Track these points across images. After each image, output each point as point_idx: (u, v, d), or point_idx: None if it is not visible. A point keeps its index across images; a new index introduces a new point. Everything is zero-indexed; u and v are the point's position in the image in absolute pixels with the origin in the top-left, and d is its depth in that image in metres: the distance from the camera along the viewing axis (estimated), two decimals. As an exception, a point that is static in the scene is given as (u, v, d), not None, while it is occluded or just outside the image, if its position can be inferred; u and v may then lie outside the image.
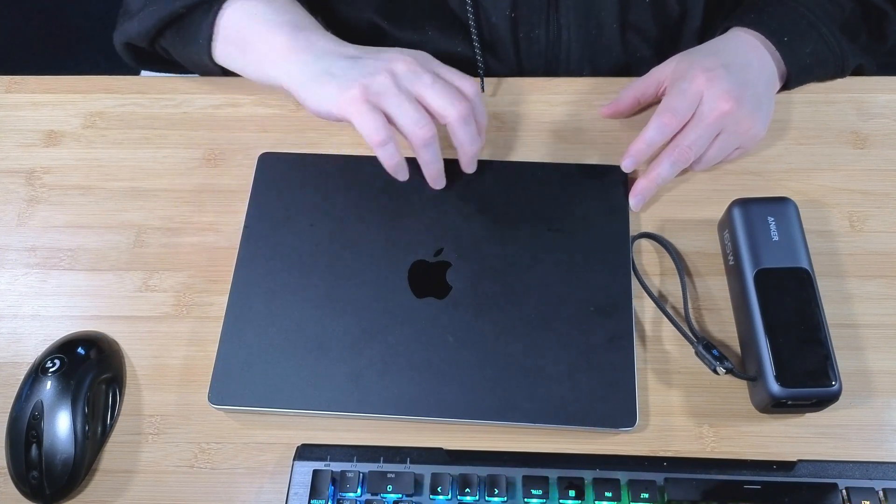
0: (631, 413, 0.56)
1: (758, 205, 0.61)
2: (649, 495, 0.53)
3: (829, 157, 0.68)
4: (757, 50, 0.66)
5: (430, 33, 0.74)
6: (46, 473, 0.55)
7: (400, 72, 0.59)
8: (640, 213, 0.66)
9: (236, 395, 0.57)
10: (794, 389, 0.54)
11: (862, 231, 0.64)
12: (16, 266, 0.65)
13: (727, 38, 0.67)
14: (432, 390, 0.57)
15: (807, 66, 0.67)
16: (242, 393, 0.57)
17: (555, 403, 0.56)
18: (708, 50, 0.66)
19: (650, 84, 0.66)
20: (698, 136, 0.62)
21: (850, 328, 0.60)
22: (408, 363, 0.58)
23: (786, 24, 0.66)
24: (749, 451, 0.56)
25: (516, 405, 0.56)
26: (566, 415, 0.56)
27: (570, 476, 0.54)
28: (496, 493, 0.53)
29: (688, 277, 0.63)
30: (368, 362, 0.58)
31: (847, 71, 0.69)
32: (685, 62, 0.64)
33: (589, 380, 0.57)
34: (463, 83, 0.62)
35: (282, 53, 0.62)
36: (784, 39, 0.66)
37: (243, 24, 0.64)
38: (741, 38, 0.66)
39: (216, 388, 0.57)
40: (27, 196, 0.69)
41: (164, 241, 0.66)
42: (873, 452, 0.56)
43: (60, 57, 1.61)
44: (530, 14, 0.72)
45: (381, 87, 0.58)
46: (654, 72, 0.66)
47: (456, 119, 0.59)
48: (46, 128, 0.72)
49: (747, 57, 0.65)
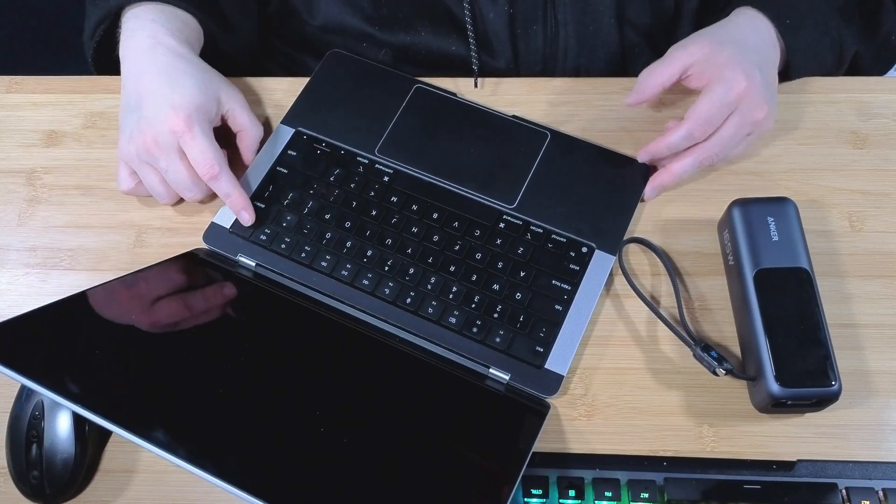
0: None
1: (757, 205, 0.61)
2: (649, 495, 0.53)
3: (829, 157, 0.68)
4: (764, 35, 0.65)
5: (423, 33, 0.74)
6: (47, 473, 0.55)
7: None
8: (641, 213, 0.66)
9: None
10: (794, 389, 0.54)
11: (862, 231, 0.64)
12: (16, 266, 0.65)
13: (738, 23, 0.66)
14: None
15: (805, 50, 0.67)
16: None
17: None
18: (735, 40, 0.64)
19: (675, 71, 0.64)
20: (729, 142, 0.63)
21: (849, 328, 0.60)
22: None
23: (788, 7, 0.66)
24: (749, 450, 0.56)
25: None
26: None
27: (571, 476, 0.54)
28: (496, 493, 0.53)
29: (682, 279, 0.63)
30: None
31: (846, 58, 0.69)
32: (719, 55, 0.62)
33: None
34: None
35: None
36: (787, 22, 0.65)
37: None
38: (750, 24, 0.65)
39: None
40: (28, 196, 0.69)
41: (164, 241, 0.66)
42: (873, 452, 0.56)
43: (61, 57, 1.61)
44: (527, 9, 0.72)
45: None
46: (679, 56, 0.63)
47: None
48: (47, 128, 0.72)
49: (763, 48, 0.64)
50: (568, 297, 0.61)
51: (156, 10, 0.66)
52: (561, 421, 0.58)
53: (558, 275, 0.62)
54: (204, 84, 0.63)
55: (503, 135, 0.69)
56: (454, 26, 0.73)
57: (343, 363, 0.59)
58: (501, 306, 0.61)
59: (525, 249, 0.63)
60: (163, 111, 0.61)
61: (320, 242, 0.64)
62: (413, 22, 0.74)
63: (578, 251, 0.63)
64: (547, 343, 0.60)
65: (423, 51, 0.75)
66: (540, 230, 0.64)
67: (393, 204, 0.65)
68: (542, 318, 0.61)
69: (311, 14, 0.76)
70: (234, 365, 0.55)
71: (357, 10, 0.74)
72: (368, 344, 0.60)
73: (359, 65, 0.73)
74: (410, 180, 0.67)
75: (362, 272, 0.63)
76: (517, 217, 0.65)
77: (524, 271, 0.62)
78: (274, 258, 0.64)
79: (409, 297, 0.62)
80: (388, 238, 0.64)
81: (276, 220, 0.65)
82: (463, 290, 0.62)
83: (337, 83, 0.72)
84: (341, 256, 0.63)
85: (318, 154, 0.68)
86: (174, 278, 0.62)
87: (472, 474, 0.52)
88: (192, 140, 0.61)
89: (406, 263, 0.63)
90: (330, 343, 0.61)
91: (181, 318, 0.58)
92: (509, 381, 0.59)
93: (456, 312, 0.61)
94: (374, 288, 0.62)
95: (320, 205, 0.66)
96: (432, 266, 0.63)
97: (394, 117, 0.69)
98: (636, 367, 0.60)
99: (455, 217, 0.65)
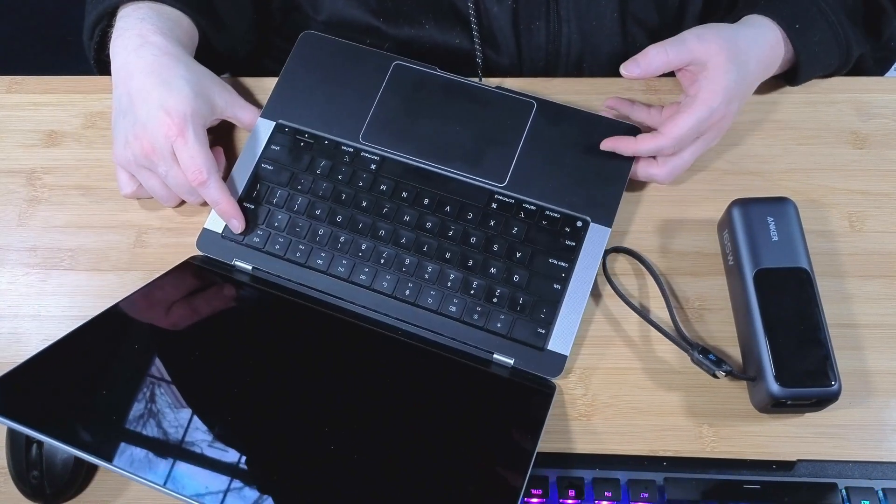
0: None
1: (757, 205, 0.61)
2: (649, 495, 0.53)
3: (829, 157, 0.68)
4: (772, 47, 0.65)
5: (428, 27, 0.74)
6: (46, 473, 0.55)
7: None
8: (640, 213, 0.66)
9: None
10: (794, 389, 0.54)
11: (862, 231, 0.64)
12: (16, 266, 0.66)
13: (750, 32, 0.65)
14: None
15: (815, 55, 0.67)
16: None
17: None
18: (743, 60, 0.63)
19: (685, 59, 0.62)
20: (686, 164, 0.64)
21: (849, 328, 0.60)
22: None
23: (797, 11, 0.66)
24: (749, 450, 0.56)
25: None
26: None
27: (571, 476, 0.54)
28: (496, 493, 0.53)
29: (671, 286, 0.63)
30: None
31: (851, 61, 0.69)
32: (723, 75, 0.61)
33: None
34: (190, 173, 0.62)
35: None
36: (796, 26, 0.65)
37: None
38: (762, 33, 0.65)
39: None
40: (28, 196, 0.69)
41: (164, 241, 0.66)
42: (873, 452, 0.56)
43: (61, 57, 1.61)
44: (531, 5, 0.72)
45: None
46: (693, 48, 0.62)
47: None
48: (47, 128, 0.72)
49: (762, 62, 0.65)
50: (565, 274, 0.61)
51: (146, 9, 0.65)
52: (561, 421, 0.58)
53: (554, 252, 0.62)
54: (197, 85, 0.63)
55: (489, 107, 0.68)
56: (458, 20, 0.73)
57: (352, 360, 0.59)
58: (500, 290, 0.61)
59: (519, 229, 0.63)
60: (156, 115, 0.61)
61: (314, 240, 0.64)
62: (418, 15, 0.74)
63: (573, 226, 0.63)
64: (548, 324, 0.60)
65: (428, 44, 0.75)
66: (533, 207, 0.64)
67: (382, 193, 0.65)
68: (542, 298, 0.61)
69: (315, 9, 0.76)
70: (246, 375, 0.55)
71: (362, 3, 0.74)
72: (374, 339, 0.61)
73: (334, 45, 0.71)
74: (398, 166, 0.66)
75: (358, 267, 0.63)
76: (509, 196, 0.65)
77: (520, 252, 0.62)
78: (269, 260, 0.64)
79: (407, 288, 0.62)
80: (381, 229, 0.64)
81: (268, 221, 0.65)
82: (461, 276, 0.62)
83: (313, 67, 0.70)
84: (336, 252, 0.63)
85: (301, 146, 0.67)
86: (172, 294, 0.61)
87: (488, 458, 0.53)
88: (184, 145, 0.61)
89: (401, 254, 0.63)
90: (336, 341, 0.61)
91: (186, 335, 0.58)
92: (514, 365, 0.59)
93: (455, 300, 0.61)
94: (371, 282, 0.62)
95: (310, 200, 0.65)
96: (428, 255, 0.63)
97: (375, 99, 0.68)
98: (636, 367, 0.60)
99: (446, 201, 0.64)
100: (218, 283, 0.63)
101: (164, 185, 0.64)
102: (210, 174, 0.61)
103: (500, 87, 0.69)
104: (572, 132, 0.67)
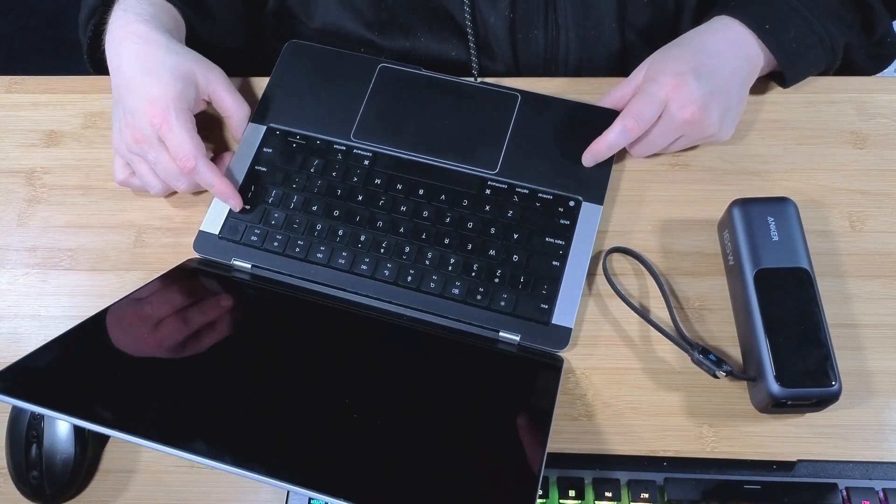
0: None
1: (758, 205, 0.60)
2: (649, 495, 0.53)
3: (829, 157, 0.68)
4: (735, 42, 0.65)
5: (423, 39, 0.74)
6: (46, 473, 0.55)
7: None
8: (640, 213, 0.66)
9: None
10: (794, 389, 0.54)
11: (862, 231, 0.64)
12: (16, 266, 0.65)
13: (707, 29, 0.67)
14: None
15: (794, 53, 0.66)
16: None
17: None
18: (682, 48, 0.65)
19: (628, 91, 0.67)
20: (660, 140, 0.65)
21: (850, 328, 0.60)
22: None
23: (766, 11, 0.66)
24: (749, 451, 0.56)
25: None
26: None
27: (571, 476, 0.54)
28: (496, 493, 0.53)
29: (671, 285, 0.63)
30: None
31: (839, 54, 0.68)
32: (658, 65, 0.65)
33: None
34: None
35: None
36: (766, 27, 0.65)
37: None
38: (720, 30, 0.66)
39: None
40: (27, 196, 0.69)
41: (164, 240, 0.66)
42: (873, 452, 0.56)
43: (61, 57, 1.61)
44: (529, 14, 0.72)
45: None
46: (632, 76, 0.67)
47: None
48: (47, 128, 0.72)
49: (723, 55, 0.65)
50: (563, 251, 0.62)
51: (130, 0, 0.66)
52: (561, 421, 0.58)
53: (550, 231, 0.63)
54: (179, 70, 0.63)
55: (475, 102, 0.69)
56: (454, 31, 0.73)
57: (361, 349, 0.60)
58: (501, 270, 0.62)
59: (514, 212, 0.64)
60: (141, 104, 0.61)
61: (312, 234, 0.64)
62: (413, 27, 0.74)
63: (566, 206, 0.64)
64: (550, 299, 0.61)
65: (423, 56, 0.74)
66: (526, 191, 0.65)
67: (377, 186, 0.66)
68: (542, 275, 0.62)
69: (308, 16, 0.76)
70: (254, 369, 0.55)
71: (356, 15, 0.74)
72: (379, 327, 0.61)
73: (319, 52, 0.72)
74: (391, 160, 0.67)
75: (359, 258, 0.63)
76: (501, 181, 0.65)
77: (517, 233, 0.63)
78: (268, 257, 0.64)
79: (409, 275, 0.62)
80: (378, 220, 0.64)
81: (265, 219, 0.65)
82: (461, 260, 0.62)
83: (300, 73, 0.71)
84: (335, 245, 0.64)
85: (294, 147, 0.68)
86: (170, 297, 0.61)
87: (507, 432, 0.53)
88: (169, 132, 0.61)
89: (400, 242, 0.63)
90: (342, 332, 0.61)
91: (187, 337, 0.58)
92: (520, 341, 0.60)
93: (458, 283, 0.62)
94: (373, 271, 0.62)
95: (306, 197, 0.66)
96: (427, 241, 0.63)
97: (363, 100, 0.69)
98: (636, 368, 0.60)
99: (441, 190, 0.65)
100: (218, 283, 0.63)
101: (154, 173, 0.64)
102: (198, 159, 0.62)
103: (484, 81, 0.70)
104: (557, 119, 0.68)
